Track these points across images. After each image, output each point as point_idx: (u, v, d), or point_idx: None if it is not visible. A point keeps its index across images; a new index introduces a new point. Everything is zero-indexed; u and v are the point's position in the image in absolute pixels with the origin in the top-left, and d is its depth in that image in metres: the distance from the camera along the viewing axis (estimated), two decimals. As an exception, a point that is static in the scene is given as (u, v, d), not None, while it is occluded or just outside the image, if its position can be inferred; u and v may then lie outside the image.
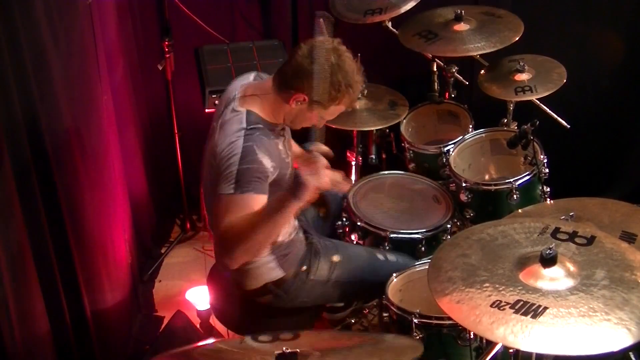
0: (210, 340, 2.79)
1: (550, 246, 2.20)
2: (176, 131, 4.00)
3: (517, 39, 3.47)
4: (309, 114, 2.64)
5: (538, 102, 3.46)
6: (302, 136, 2.92)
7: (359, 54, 2.66)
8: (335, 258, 2.89)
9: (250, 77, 2.78)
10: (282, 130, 2.70)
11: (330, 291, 2.90)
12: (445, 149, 3.45)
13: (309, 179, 2.35)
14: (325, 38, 2.60)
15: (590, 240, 2.32)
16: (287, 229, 2.78)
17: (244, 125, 2.53)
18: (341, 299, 3.07)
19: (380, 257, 2.98)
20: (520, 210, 2.90)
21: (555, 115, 3.49)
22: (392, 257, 2.99)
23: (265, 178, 2.49)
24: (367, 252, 3.01)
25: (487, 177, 3.49)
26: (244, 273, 2.74)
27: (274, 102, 2.62)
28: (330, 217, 3.24)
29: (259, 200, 2.45)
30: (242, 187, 2.43)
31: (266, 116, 2.62)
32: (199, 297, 3.54)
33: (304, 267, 2.83)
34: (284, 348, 1.84)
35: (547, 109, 3.48)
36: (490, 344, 2.52)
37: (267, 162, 2.49)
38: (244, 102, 2.62)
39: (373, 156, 3.75)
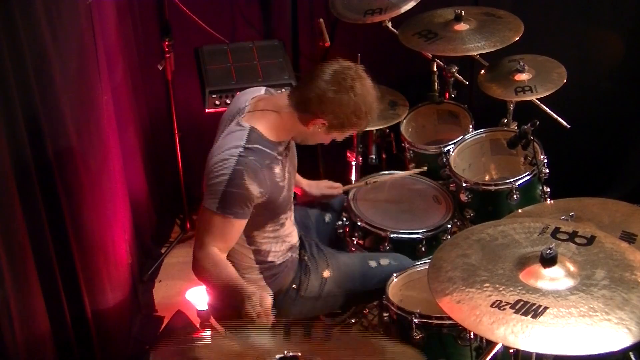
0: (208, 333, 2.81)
1: (550, 246, 2.21)
2: (176, 131, 4.00)
3: (517, 39, 3.47)
4: (325, 136, 2.64)
5: (538, 102, 3.46)
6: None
7: (359, 54, 2.67)
8: (326, 273, 2.90)
9: (262, 90, 2.77)
10: (285, 149, 2.68)
11: (323, 305, 2.91)
12: (445, 149, 3.45)
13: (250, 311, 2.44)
14: (349, 64, 2.59)
15: (590, 240, 2.32)
16: (280, 253, 2.79)
17: (243, 143, 2.53)
18: (335, 309, 3.07)
19: (373, 263, 2.97)
20: (520, 210, 2.90)
21: (555, 115, 3.49)
22: (384, 261, 2.98)
23: (250, 204, 2.53)
24: (359, 260, 3.00)
25: (487, 177, 3.48)
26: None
27: (286, 121, 2.60)
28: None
29: (237, 225, 2.53)
30: (225, 209, 2.49)
31: (271, 135, 2.60)
32: (199, 297, 3.54)
33: (294, 285, 2.85)
34: (285, 352, 1.84)
35: (547, 109, 3.48)
36: (491, 344, 2.52)
37: (255, 189, 2.51)
38: (252, 117, 2.61)
39: (373, 156, 3.75)
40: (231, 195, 2.47)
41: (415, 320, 2.66)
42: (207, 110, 3.57)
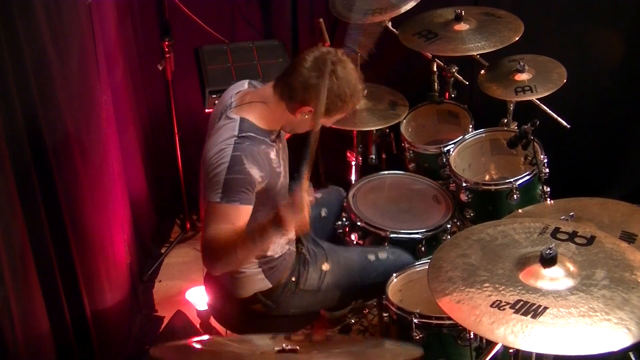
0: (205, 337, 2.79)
1: (550, 246, 2.21)
2: (176, 131, 4.00)
3: (517, 39, 3.47)
4: (312, 123, 2.64)
5: (538, 102, 3.46)
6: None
7: (359, 54, 2.67)
8: (325, 266, 2.90)
9: (245, 84, 2.77)
10: (276, 137, 2.69)
11: (322, 299, 2.91)
12: (445, 149, 3.45)
13: (290, 216, 2.34)
14: (328, 49, 2.59)
15: (590, 240, 2.32)
16: (279, 245, 2.79)
17: (236, 132, 2.53)
18: (334, 304, 3.08)
19: (371, 257, 2.97)
20: (520, 210, 2.90)
21: (555, 115, 3.49)
22: (383, 255, 2.99)
23: (252, 189, 2.51)
24: (358, 254, 3.01)
25: (487, 177, 3.49)
26: (234, 281, 2.77)
27: (274, 111, 2.61)
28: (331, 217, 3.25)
29: (244, 211, 2.49)
30: (229, 197, 2.47)
31: (261, 124, 2.61)
32: (199, 297, 3.54)
33: (293, 278, 2.84)
34: (284, 345, 1.84)
35: (547, 109, 3.48)
36: (490, 344, 2.52)
37: (255, 173, 2.50)
38: (240, 109, 2.62)
39: (373, 156, 3.75)
40: (233, 182, 2.46)
41: (415, 320, 2.66)
42: (207, 110, 3.57)
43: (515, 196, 3.15)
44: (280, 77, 2.62)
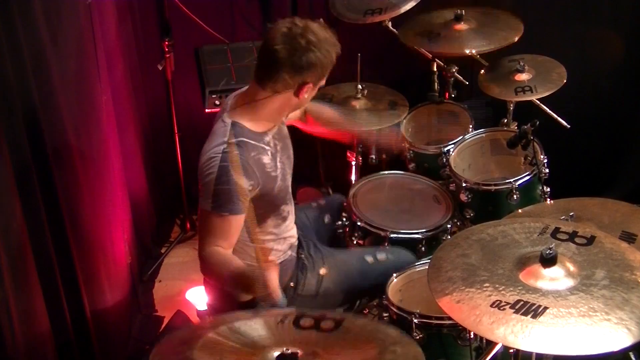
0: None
1: (550, 246, 2.20)
2: (176, 131, 4.00)
3: (517, 39, 3.47)
4: (312, 92, 2.65)
5: (538, 102, 3.46)
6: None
7: (359, 54, 2.66)
8: (322, 271, 2.90)
9: (244, 88, 2.76)
10: (273, 139, 2.68)
11: (322, 303, 2.91)
12: (445, 149, 3.45)
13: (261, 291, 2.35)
14: (285, 23, 2.56)
15: (590, 240, 2.32)
16: (282, 252, 2.80)
17: (226, 139, 2.53)
18: (336, 307, 3.08)
19: (369, 259, 2.97)
20: (520, 210, 2.90)
21: (555, 115, 3.49)
22: (381, 256, 2.98)
23: (244, 197, 2.51)
24: (356, 257, 3.00)
25: (487, 177, 3.48)
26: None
27: (269, 107, 2.59)
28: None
29: (235, 221, 2.52)
30: (220, 208, 2.50)
31: (254, 126, 2.60)
32: (199, 297, 3.54)
33: (292, 284, 2.85)
34: (285, 349, 1.84)
35: (547, 109, 3.48)
36: (490, 344, 2.52)
37: (244, 182, 2.49)
38: (234, 112, 2.62)
39: (373, 156, 3.75)
40: (222, 193, 2.48)
41: (415, 320, 2.66)
42: (207, 110, 3.58)
43: (515, 196, 3.15)
44: (260, 74, 2.58)
